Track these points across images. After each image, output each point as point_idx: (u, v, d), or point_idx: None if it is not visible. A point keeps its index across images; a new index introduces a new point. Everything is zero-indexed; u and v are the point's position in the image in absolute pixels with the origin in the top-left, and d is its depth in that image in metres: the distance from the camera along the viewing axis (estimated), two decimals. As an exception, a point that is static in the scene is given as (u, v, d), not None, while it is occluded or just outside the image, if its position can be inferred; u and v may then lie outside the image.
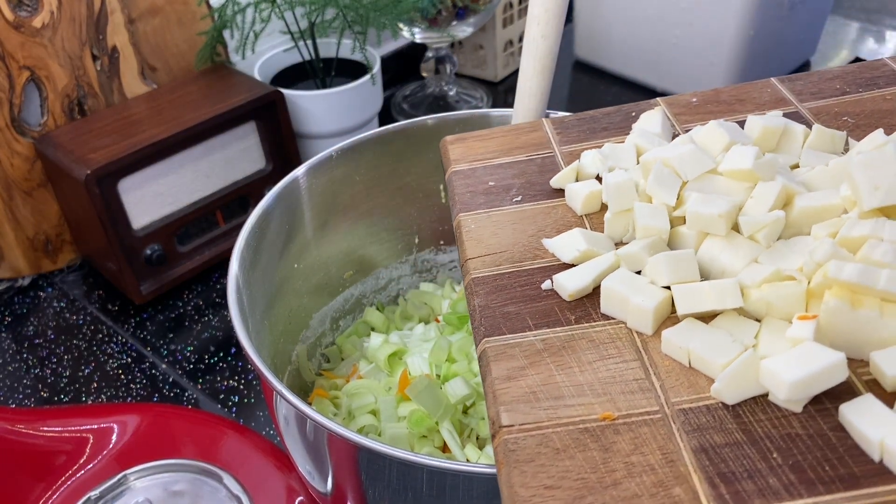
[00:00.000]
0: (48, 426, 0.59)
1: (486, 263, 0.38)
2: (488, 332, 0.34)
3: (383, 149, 0.61)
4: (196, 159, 0.78)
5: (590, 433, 0.29)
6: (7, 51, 0.73)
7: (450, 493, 0.39)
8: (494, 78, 1.10)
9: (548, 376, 0.31)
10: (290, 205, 0.57)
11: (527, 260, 0.38)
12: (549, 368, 0.32)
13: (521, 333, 0.34)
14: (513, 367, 0.32)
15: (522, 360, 0.32)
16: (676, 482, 0.27)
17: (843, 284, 0.29)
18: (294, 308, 0.59)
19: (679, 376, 0.31)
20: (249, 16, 0.83)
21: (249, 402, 0.68)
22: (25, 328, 0.78)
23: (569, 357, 0.32)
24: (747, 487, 0.26)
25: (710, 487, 0.26)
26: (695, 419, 0.29)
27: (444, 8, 0.93)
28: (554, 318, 0.34)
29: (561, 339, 0.33)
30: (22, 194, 0.78)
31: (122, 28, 0.80)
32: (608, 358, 0.32)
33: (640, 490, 0.27)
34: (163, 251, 0.77)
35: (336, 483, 0.44)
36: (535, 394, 0.31)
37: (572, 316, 0.34)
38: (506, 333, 0.34)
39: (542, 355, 0.32)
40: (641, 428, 0.29)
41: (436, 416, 0.49)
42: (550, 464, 0.28)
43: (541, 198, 0.43)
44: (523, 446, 0.29)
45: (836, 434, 0.27)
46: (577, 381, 0.31)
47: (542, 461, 0.28)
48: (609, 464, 0.28)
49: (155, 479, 0.54)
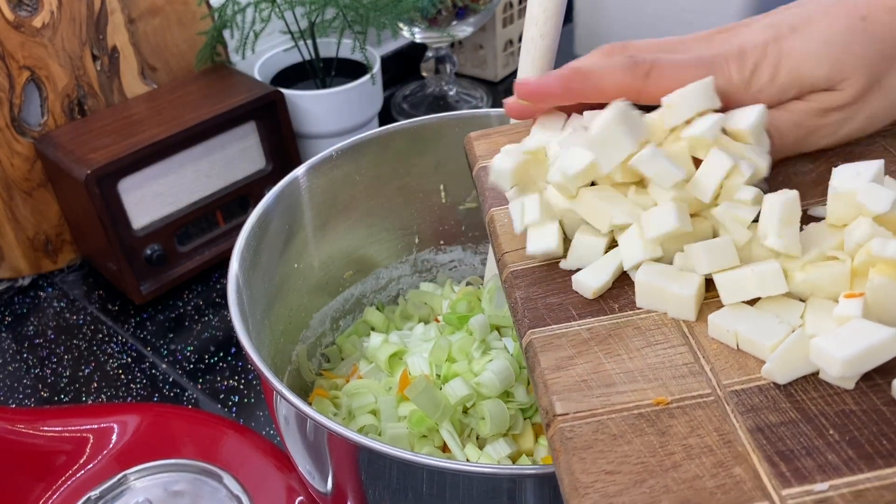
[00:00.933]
0: (48, 426, 0.59)
1: (522, 257, 0.38)
2: (533, 323, 0.34)
3: (383, 149, 0.61)
4: (196, 159, 0.78)
5: (645, 418, 0.29)
6: (7, 51, 0.73)
7: (450, 493, 0.39)
8: (494, 78, 1.10)
9: (597, 364, 0.32)
10: (290, 205, 0.57)
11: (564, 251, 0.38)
12: (597, 357, 0.32)
13: (565, 323, 0.34)
14: (561, 356, 0.32)
15: (570, 349, 0.32)
16: (736, 462, 0.27)
17: (888, 261, 0.29)
18: (294, 308, 0.59)
19: (728, 359, 0.31)
20: (249, 16, 0.83)
21: (249, 402, 0.68)
22: (25, 328, 0.78)
23: (616, 345, 0.32)
24: (807, 464, 0.26)
25: (770, 466, 0.26)
26: (748, 400, 0.29)
27: (444, 8, 0.93)
28: (597, 307, 0.34)
29: (606, 327, 0.33)
30: (22, 194, 0.78)
31: (123, 28, 0.80)
32: (656, 344, 0.32)
33: (700, 471, 0.27)
34: (163, 251, 0.77)
35: (336, 483, 0.44)
36: (586, 382, 0.31)
37: (616, 304, 0.34)
38: (550, 324, 0.34)
39: (589, 344, 0.33)
40: (696, 411, 0.29)
41: (434, 417, 0.49)
42: (609, 449, 0.28)
43: None
44: (580, 434, 0.29)
45: (889, 409, 0.28)
46: (626, 368, 0.31)
47: (601, 447, 0.28)
48: (667, 447, 0.28)
49: (155, 479, 0.54)
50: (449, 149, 0.62)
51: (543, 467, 0.38)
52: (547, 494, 0.38)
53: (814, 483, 0.26)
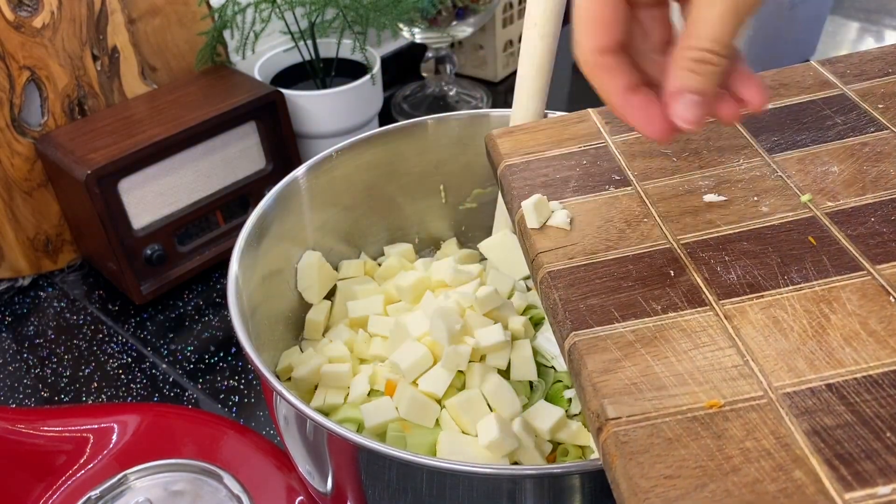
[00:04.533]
0: (48, 426, 0.59)
1: (558, 256, 0.38)
2: (575, 325, 0.34)
3: (383, 149, 0.61)
4: (196, 159, 0.78)
5: (699, 421, 0.29)
6: (7, 51, 0.73)
7: (450, 494, 0.39)
8: (494, 78, 1.10)
9: (645, 367, 0.31)
10: (290, 205, 0.57)
11: (600, 251, 0.38)
12: (645, 359, 0.31)
13: (609, 326, 0.33)
14: (608, 359, 0.32)
15: (616, 352, 0.32)
16: (795, 465, 0.27)
17: None
18: (294, 308, 0.59)
19: (776, 360, 0.31)
20: (249, 16, 0.83)
21: (249, 402, 0.69)
22: (26, 328, 0.78)
23: (663, 347, 0.32)
24: (867, 468, 0.26)
25: (830, 469, 0.26)
26: (801, 402, 0.29)
27: (444, 8, 0.93)
28: (639, 308, 0.34)
29: (651, 329, 0.33)
30: (22, 194, 0.78)
31: (123, 28, 0.80)
32: (702, 346, 0.32)
33: (760, 475, 0.26)
34: (163, 251, 0.77)
35: (336, 483, 0.44)
36: (637, 385, 0.30)
37: (658, 306, 0.34)
38: (593, 326, 0.33)
39: (635, 346, 0.32)
40: (749, 413, 0.29)
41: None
42: (665, 453, 0.28)
43: (601, 188, 0.42)
44: (634, 438, 0.28)
45: None
46: (676, 371, 0.31)
47: (657, 451, 0.28)
48: (724, 451, 0.27)
49: (155, 479, 0.54)
50: (449, 149, 0.62)
51: (543, 467, 0.38)
52: (547, 495, 0.38)
53: (876, 487, 0.25)
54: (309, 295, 0.59)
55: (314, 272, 0.58)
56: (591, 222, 0.40)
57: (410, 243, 0.65)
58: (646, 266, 0.36)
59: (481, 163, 0.63)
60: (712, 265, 0.36)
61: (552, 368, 0.51)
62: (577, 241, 0.39)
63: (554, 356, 0.51)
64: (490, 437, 0.44)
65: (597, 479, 0.38)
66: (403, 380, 0.49)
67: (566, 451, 0.48)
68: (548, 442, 0.48)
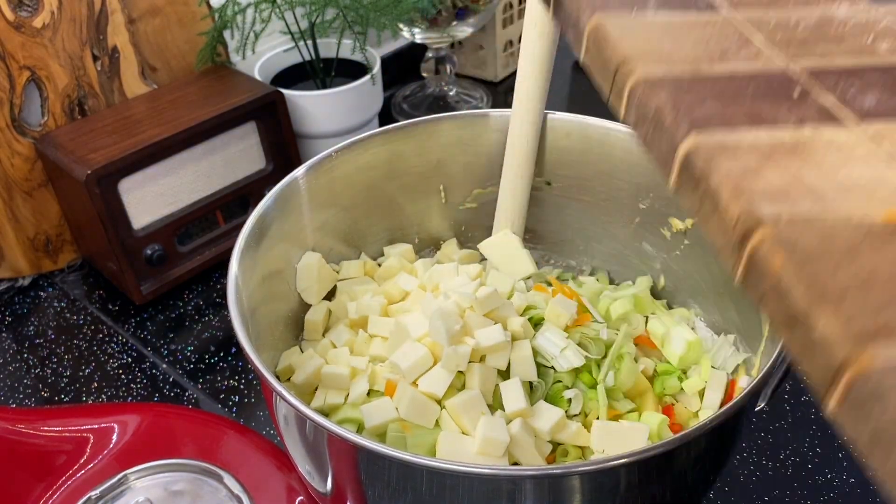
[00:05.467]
0: (48, 426, 0.59)
1: (651, 63, 0.30)
2: (695, 125, 0.27)
3: (383, 149, 0.61)
4: (196, 159, 0.78)
5: (878, 237, 0.23)
6: (7, 51, 0.73)
7: (449, 494, 0.39)
8: (494, 78, 1.10)
9: (793, 176, 0.25)
10: (289, 205, 0.57)
11: (704, 62, 0.31)
12: (788, 170, 0.26)
13: (734, 129, 0.27)
14: (743, 165, 0.26)
15: (752, 159, 0.26)
16: None
17: None
18: (294, 308, 0.59)
19: None
20: (249, 16, 0.83)
21: (249, 402, 0.69)
22: (26, 328, 0.78)
23: (809, 159, 0.26)
24: None
25: None
26: None
27: (444, 8, 0.93)
28: (769, 119, 0.28)
29: (789, 140, 0.27)
30: (22, 194, 0.78)
31: (123, 28, 0.80)
32: (858, 160, 0.26)
33: None
34: (163, 251, 0.77)
35: (336, 483, 0.44)
36: (788, 193, 0.25)
37: (791, 119, 0.28)
38: (716, 130, 0.27)
39: (775, 155, 0.26)
40: None
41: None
42: (847, 263, 0.22)
43: (690, 7, 0.34)
44: (802, 240, 0.23)
45: None
46: (833, 182, 0.25)
47: (836, 259, 0.22)
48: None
49: (155, 479, 0.54)
50: (449, 149, 0.62)
51: (543, 468, 0.38)
52: (547, 495, 0.38)
53: None
54: (308, 295, 0.59)
55: (314, 273, 0.58)
56: (684, 39, 0.33)
57: (410, 243, 0.65)
58: (763, 84, 0.30)
59: (481, 163, 0.63)
60: (842, 89, 0.30)
61: (552, 369, 0.51)
62: (672, 51, 0.32)
63: (553, 356, 0.51)
64: (481, 434, 0.44)
65: (597, 479, 0.38)
66: (403, 380, 0.49)
67: (566, 452, 0.48)
68: (548, 442, 0.48)
